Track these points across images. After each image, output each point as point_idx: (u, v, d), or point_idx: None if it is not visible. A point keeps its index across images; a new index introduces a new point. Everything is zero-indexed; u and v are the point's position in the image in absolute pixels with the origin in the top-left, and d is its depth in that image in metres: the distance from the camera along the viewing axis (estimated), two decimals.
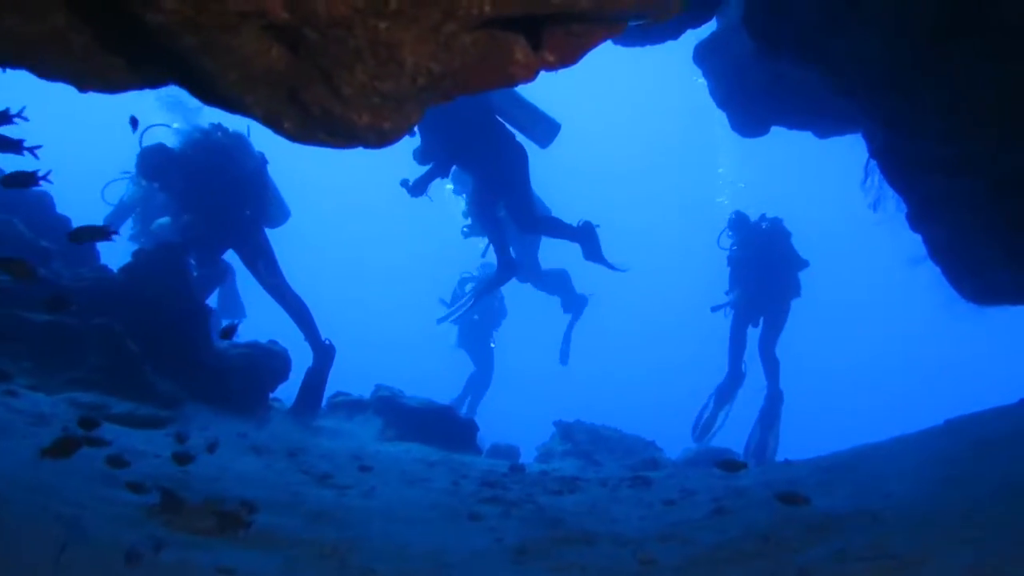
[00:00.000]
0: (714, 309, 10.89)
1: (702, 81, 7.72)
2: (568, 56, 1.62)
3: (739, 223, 10.66)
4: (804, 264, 10.43)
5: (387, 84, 1.49)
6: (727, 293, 10.84)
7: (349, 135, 1.57)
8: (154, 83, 1.75)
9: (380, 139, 1.57)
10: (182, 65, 1.50)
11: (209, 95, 1.60)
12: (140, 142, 7.61)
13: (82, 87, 1.71)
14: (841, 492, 4.14)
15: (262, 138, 7.97)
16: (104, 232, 3.45)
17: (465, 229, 11.25)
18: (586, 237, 8.74)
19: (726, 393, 10.62)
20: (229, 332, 5.06)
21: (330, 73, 1.47)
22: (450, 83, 1.57)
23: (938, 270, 6.00)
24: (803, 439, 10.24)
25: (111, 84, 1.68)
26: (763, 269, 10.32)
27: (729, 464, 5.04)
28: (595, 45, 1.62)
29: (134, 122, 4.24)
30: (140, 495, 3.27)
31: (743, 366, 10.61)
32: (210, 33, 1.37)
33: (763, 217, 10.66)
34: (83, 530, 2.68)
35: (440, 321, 12.11)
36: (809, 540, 3.23)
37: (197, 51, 1.42)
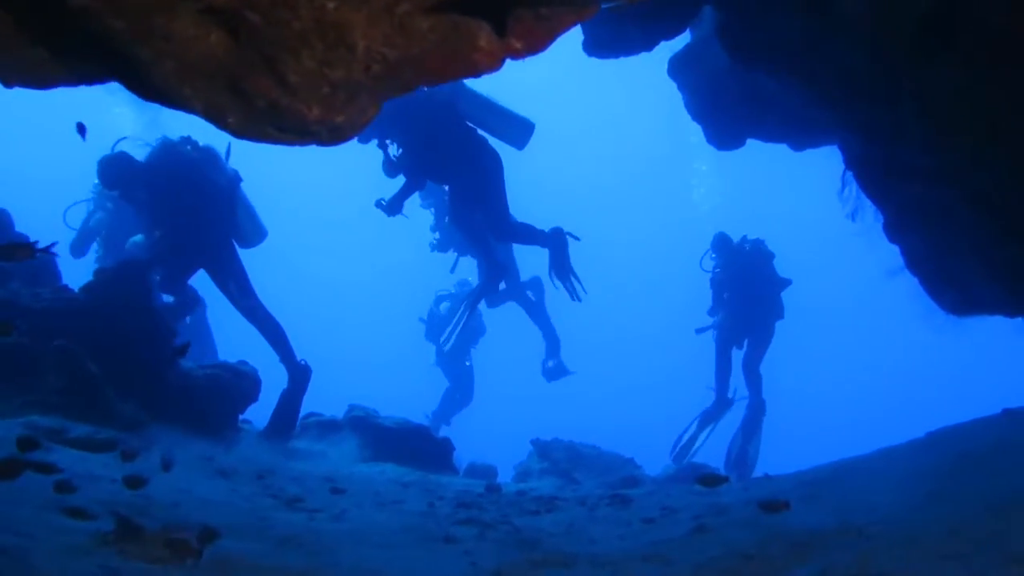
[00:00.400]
0: (699, 331, 10.85)
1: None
2: (536, 43, 1.50)
3: (722, 245, 10.63)
4: (787, 283, 10.44)
5: (338, 72, 1.37)
6: (710, 314, 10.80)
7: (300, 130, 1.44)
8: (89, 78, 1.62)
9: (333, 135, 1.45)
10: (114, 55, 1.37)
11: (146, 88, 1.46)
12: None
13: (7, 82, 1.57)
14: (824, 507, 4.06)
15: (242, 154, 7.86)
16: (28, 249, 3.24)
17: (433, 242, 11.16)
18: (556, 243, 8.61)
19: (711, 416, 10.57)
20: (182, 351, 4.89)
21: (274, 60, 1.34)
22: (408, 72, 1.45)
23: (916, 281, 5.96)
24: (784, 452, 10.22)
25: (39, 79, 1.55)
26: (747, 291, 10.30)
27: (710, 479, 4.95)
28: (564, 30, 1.51)
29: (81, 128, 4.03)
30: (94, 522, 3.10)
31: (731, 392, 10.55)
32: (139, 16, 1.24)
33: (745, 239, 10.65)
34: (28, 561, 2.52)
35: (446, 343, 11.87)
36: (793, 558, 3.14)
37: (127, 37, 1.29)
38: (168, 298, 7.72)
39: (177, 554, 2.59)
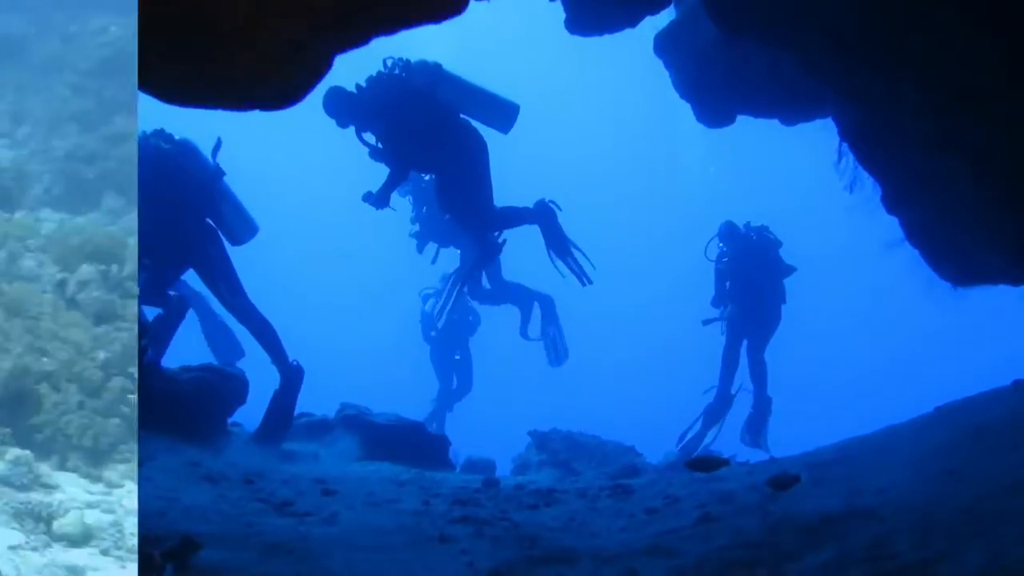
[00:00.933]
0: (706, 322, 10.60)
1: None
2: None
3: (729, 234, 10.41)
4: (791, 271, 10.30)
5: (278, 21, 1.19)
6: (714, 305, 10.59)
7: (239, 91, 1.26)
8: None
9: (280, 95, 1.27)
10: None
11: None
12: None
13: None
14: (834, 489, 3.93)
15: (231, 151, 7.68)
16: None
17: (414, 232, 10.96)
18: (543, 216, 8.39)
19: (715, 414, 10.39)
20: (143, 350, 4.72)
21: (202, 8, 1.16)
22: (361, 20, 1.27)
23: (916, 253, 5.84)
24: (788, 433, 10.12)
25: None
26: (756, 282, 10.13)
27: (705, 463, 4.79)
28: None
29: None
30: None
31: (732, 389, 10.37)
32: None
33: (748, 226, 10.45)
34: None
35: (439, 321, 11.48)
36: (804, 545, 3.01)
37: None
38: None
39: (144, 569, 2.43)
